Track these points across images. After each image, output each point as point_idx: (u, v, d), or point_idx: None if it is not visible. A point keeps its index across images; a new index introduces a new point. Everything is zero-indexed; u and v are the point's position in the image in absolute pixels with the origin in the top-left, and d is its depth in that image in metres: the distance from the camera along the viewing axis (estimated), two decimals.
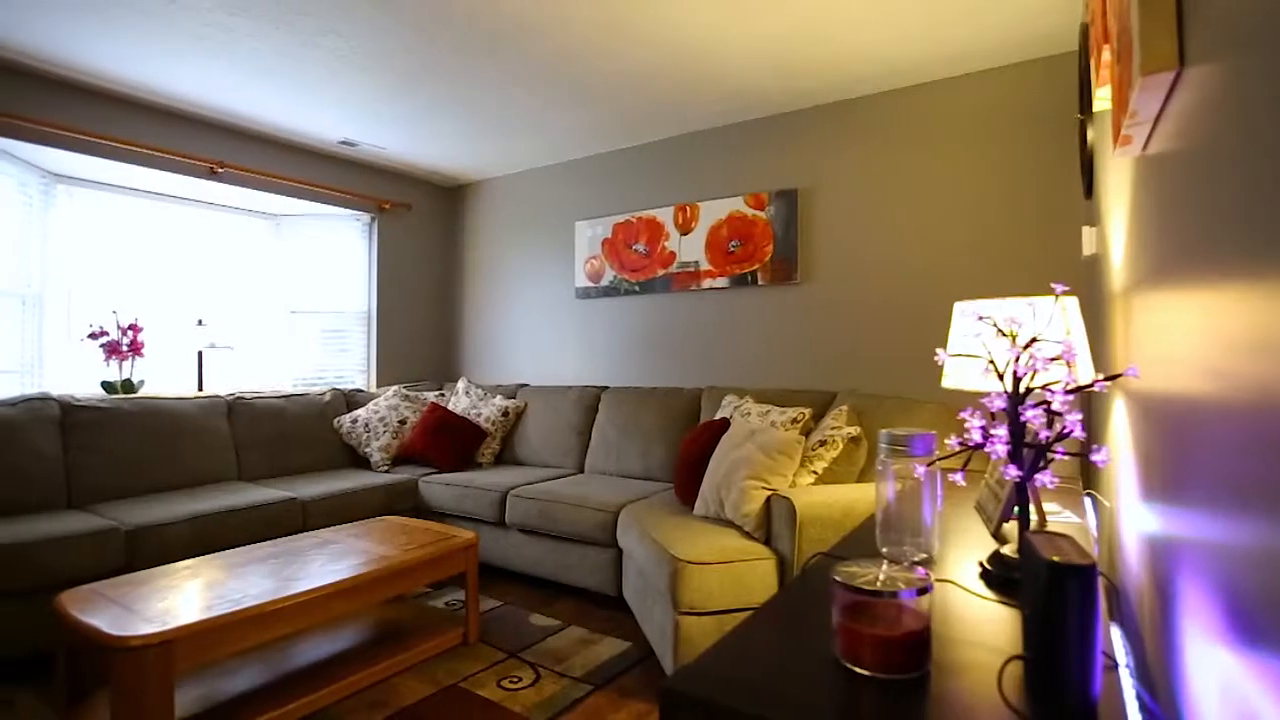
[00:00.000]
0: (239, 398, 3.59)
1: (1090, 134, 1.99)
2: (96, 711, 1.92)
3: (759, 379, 3.62)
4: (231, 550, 2.41)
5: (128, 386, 3.44)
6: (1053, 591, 0.60)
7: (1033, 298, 1.19)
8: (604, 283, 4.15)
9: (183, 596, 1.92)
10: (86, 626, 1.71)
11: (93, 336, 3.38)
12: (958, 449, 1.07)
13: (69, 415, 2.93)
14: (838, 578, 0.73)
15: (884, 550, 1.16)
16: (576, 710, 2.07)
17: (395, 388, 4.09)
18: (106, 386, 3.39)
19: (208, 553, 2.71)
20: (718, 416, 3.05)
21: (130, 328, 3.48)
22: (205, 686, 2.09)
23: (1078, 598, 0.59)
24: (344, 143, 4.05)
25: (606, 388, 3.84)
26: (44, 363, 3.36)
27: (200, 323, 3.80)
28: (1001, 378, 1.06)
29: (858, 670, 0.70)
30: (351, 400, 4.06)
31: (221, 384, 4.04)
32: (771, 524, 2.24)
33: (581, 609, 2.90)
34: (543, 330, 4.50)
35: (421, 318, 4.88)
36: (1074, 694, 0.59)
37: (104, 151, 3.29)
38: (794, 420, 2.70)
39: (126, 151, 3.36)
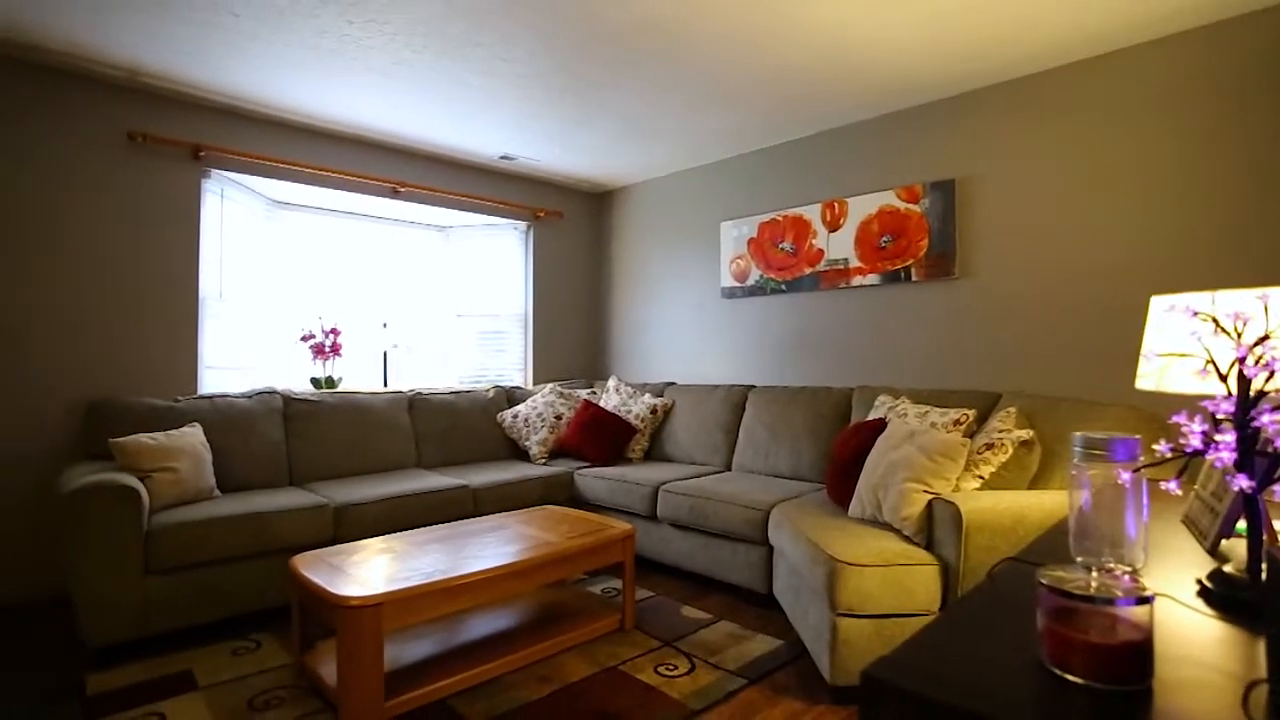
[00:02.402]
0: (418, 394, 4.00)
1: None
2: (324, 656, 2.25)
3: (913, 379, 3.46)
4: (417, 530, 2.71)
5: (330, 383, 3.95)
6: None
7: (1266, 289, 1.07)
8: (750, 282, 4.15)
9: (386, 567, 2.19)
10: (316, 586, 2.01)
11: (304, 339, 3.92)
12: (1168, 454, 0.99)
13: (289, 407, 3.43)
14: (1044, 581, 0.72)
15: (1078, 559, 1.09)
16: (731, 702, 2.11)
17: (551, 385, 4.36)
18: (314, 382, 3.92)
19: (395, 530, 3.05)
20: (870, 417, 2.96)
21: (331, 331, 4.00)
22: (398, 649, 2.36)
23: None
24: (504, 158, 4.38)
25: (753, 387, 3.85)
26: (265, 361, 3.95)
27: (384, 326, 4.28)
28: (1225, 379, 0.97)
29: (1068, 677, 0.68)
30: (512, 397, 4.39)
31: (401, 381, 4.51)
32: (933, 529, 2.15)
33: (732, 604, 2.94)
34: (688, 330, 4.59)
35: (573, 318, 5.15)
36: None
37: (311, 179, 3.80)
38: (956, 422, 2.56)
39: (327, 178, 3.86)
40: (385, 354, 4.32)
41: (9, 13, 2.58)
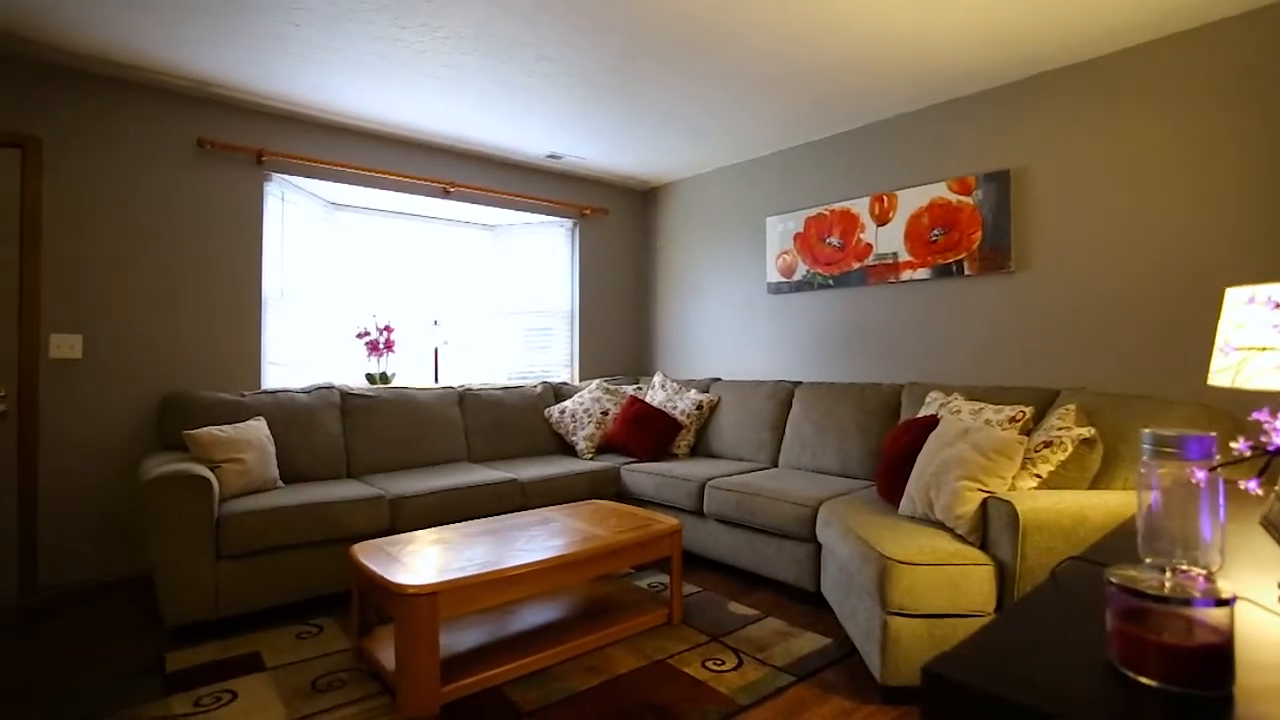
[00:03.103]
0: (467, 389, 4.09)
1: None
2: (382, 642, 2.33)
3: (965, 375, 3.38)
4: (469, 521, 2.78)
5: (384, 378, 4.07)
6: None
7: None
8: (796, 277, 4.11)
9: (441, 557, 2.26)
10: (375, 574, 2.08)
11: (359, 336, 4.05)
12: (1248, 453, 0.95)
13: (346, 402, 3.55)
14: (1114, 580, 0.70)
15: (1148, 561, 1.06)
16: (780, 699, 2.10)
17: (597, 381, 4.40)
18: (369, 378, 4.05)
19: (448, 521, 3.14)
20: (921, 414, 2.90)
21: (385, 328, 4.12)
22: (452, 637, 2.43)
23: None
24: (550, 156, 4.43)
25: (800, 383, 3.82)
26: (323, 357, 4.09)
27: (436, 323, 4.38)
28: None
29: (1141, 679, 0.67)
30: (559, 392, 4.44)
31: (451, 377, 4.62)
32: (988, 528, 2.10)
33: (779, 601, 2.93)
34: (734, 326, 4.57)
35: (619, 315, 5.19)
36: None
37: (366, 181, 3.92)
38: (1012, 419, 2.49)
39: (381, 179, 3.98)
40: (436, 350, 4.43)
41: (110, 37, 2.73)
